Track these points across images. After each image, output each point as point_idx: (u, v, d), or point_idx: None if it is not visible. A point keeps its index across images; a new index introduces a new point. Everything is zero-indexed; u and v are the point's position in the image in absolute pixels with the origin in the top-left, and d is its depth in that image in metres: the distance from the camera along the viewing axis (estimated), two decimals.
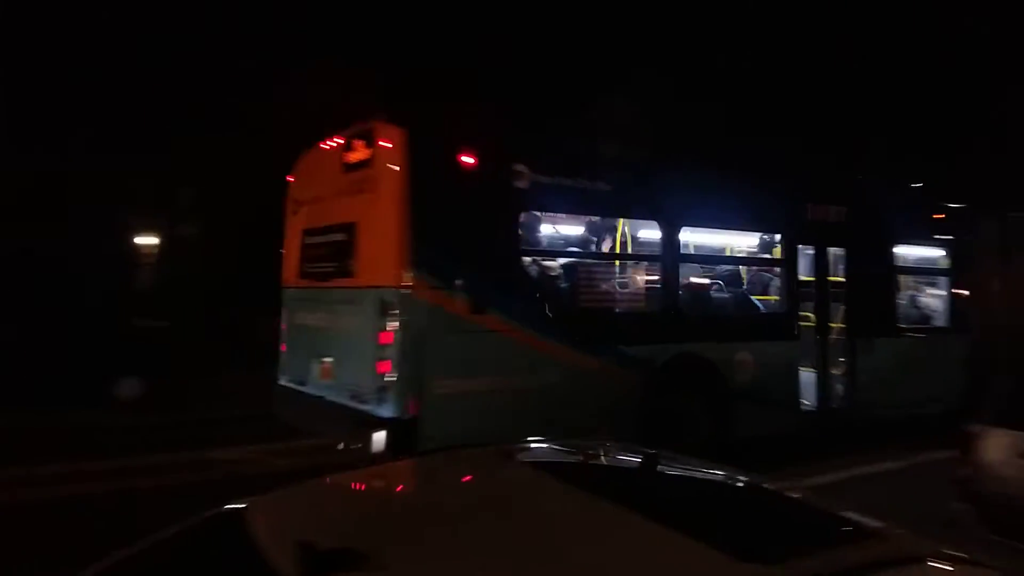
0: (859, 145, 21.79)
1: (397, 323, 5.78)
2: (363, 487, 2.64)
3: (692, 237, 8.23)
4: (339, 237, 6.70)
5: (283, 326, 7.83)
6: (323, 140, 7.35)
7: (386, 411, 5.78)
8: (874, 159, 20.81)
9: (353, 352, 6.31)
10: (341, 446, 6.04)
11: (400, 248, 5.81)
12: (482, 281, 6.07)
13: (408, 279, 5.79)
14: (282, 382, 7.58)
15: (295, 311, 7.66)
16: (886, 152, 21.42)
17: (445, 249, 5.93)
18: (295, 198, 7.99)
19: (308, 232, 7.51)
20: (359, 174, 6.52)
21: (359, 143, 6.59)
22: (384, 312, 5.82)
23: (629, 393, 6.88)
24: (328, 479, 2.66)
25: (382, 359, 5.82)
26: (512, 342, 6.20)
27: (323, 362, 6.78)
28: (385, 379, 5.80)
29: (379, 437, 5.68)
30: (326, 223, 7.06)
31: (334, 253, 6.80)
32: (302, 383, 7.17)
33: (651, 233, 7.81)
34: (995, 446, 4.52)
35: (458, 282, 5.92)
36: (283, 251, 8.17)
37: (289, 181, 8.16)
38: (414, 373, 5.75)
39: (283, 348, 7.78)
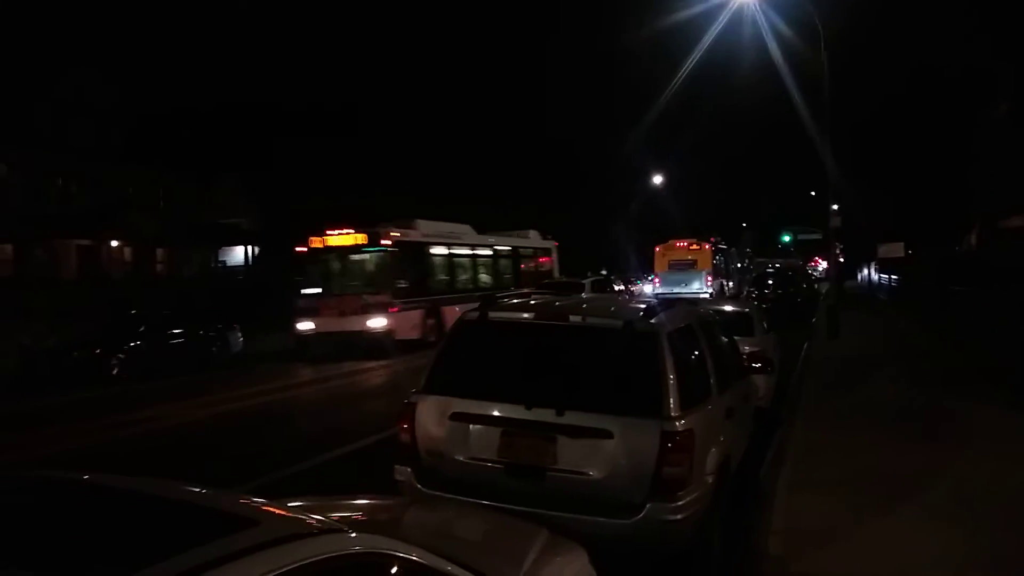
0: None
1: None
2: None
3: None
4: (691, 262, 32.19)
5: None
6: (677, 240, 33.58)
7: None
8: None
9: None
10: None
11: None
12: None
13: None
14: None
15: (667, 275, 32.07)
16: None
17: None
18: (663, 253, 32.83)
19: (672, 262, 32.33)
20: (697, 252, 32.53)
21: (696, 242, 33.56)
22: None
23: None
24: None
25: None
26: None
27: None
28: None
29: None
30: (680, 259, 32.29)
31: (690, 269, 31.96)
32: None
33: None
34: (427, 411, 5.07)
35: None
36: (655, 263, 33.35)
37: (656, 250, 33.03)
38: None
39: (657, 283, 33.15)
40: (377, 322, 18.43)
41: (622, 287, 36.14)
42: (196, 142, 32.80)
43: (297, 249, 19.77)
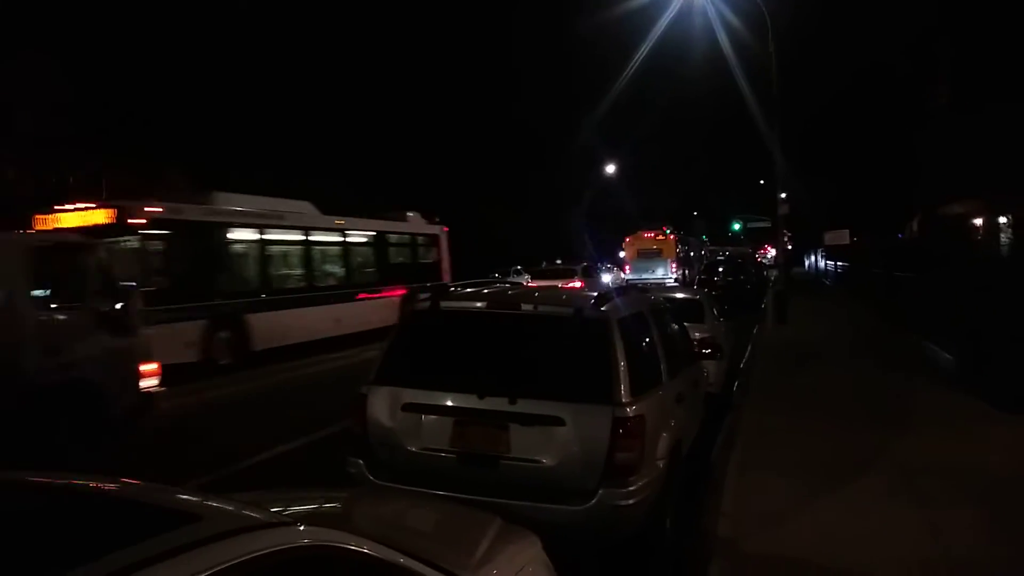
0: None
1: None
2: None
3: None
4: (657, 251, 36.35)
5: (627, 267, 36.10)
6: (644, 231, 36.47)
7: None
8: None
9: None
10: None
11: None
12: None
13: None
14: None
15: (636, 263, 35.16)
16: None
17: None
18: (632, 243, 35.99)
19: (640, 250, 35.93)
20: (662, 242, 35.93)
21: None
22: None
23: None
24: None
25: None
26: None
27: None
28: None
29: None
30: (647, 248, 35.76)
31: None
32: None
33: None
34: (379, 402, 5.03)
35: None
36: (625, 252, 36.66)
37: (626, 240, 36.36)
38: None
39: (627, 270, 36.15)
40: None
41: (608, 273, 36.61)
42: (144, 130, 31.91)
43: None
